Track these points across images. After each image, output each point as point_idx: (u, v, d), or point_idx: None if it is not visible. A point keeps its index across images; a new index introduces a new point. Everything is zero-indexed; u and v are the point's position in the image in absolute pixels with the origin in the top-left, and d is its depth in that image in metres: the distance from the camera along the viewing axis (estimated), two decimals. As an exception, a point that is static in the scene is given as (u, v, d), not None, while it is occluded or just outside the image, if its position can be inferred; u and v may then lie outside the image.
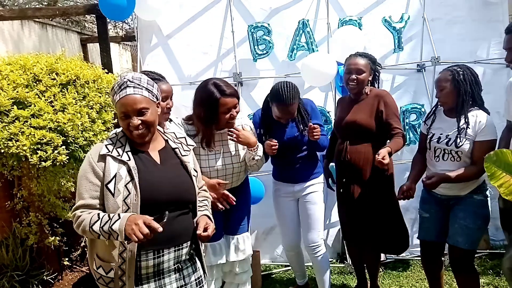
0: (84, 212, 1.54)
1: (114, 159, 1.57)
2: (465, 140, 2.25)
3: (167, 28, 3.46)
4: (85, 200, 1.55)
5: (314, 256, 2.67)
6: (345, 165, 2.59)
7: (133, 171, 1.56)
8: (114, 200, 1.54)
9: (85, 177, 1.56)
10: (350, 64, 2.55)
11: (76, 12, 4.10)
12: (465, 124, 2.25)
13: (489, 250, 3.47)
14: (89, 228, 1.50)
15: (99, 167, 1.56)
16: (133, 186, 1.55)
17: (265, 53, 3.36)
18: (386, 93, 2.58)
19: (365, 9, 3.51)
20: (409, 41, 3.52)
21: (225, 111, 2.22)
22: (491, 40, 3.58)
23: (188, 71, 3.46)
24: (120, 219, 1.47)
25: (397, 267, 3.37)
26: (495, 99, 3.52)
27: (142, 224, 1.42)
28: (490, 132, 2.24)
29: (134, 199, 1.54)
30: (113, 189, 1.54)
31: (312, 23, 3.41)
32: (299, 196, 2.68)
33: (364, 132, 2.52)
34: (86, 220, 1.52)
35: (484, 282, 3.05)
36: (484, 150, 2.13)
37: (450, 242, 2.38)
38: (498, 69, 3.59)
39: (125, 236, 1.45)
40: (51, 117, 2.49)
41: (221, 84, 2.23)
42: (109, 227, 1.47)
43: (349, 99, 2.68)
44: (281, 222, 2.81)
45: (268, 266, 3.51)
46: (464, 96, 2.27)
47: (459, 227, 2.32)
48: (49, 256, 3.01)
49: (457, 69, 2.31)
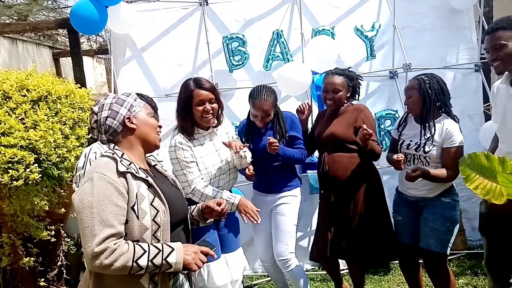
0: (119, 244, 1.34)
1: (134, 176, 1.44)
2: (432, 146, 2.35)
3: (141, 41, 3.44)
4: (115, 227, 1.34)
5: (285, 270, 2.64)
6: (324, 176, 2.62)
7: (155, 187, 1.48)
8: (140, 222, 1.41)
9: (109, 200, 1.35)
10: (327, 83, 2.60)
11: (47, 27, 4.03)
12: (429, 131, 2.35)
13: (467, 250, 3.55)
14: (133, 263, 1.34)
15: (123, 186, 1.39)
16: (161, 202, 1.48)
17: (241, 64, 3.38)
18: (363, 107, 2.63)
19: (337, 18, 3.58)
20: (381, 49, 3.61)
21: (199, 103, 2.26)
22: (459, 46, 3.71)
23: (163, 84, 3.44)
24: (176, 250, 1.41)
25: (379, 271, 3.40)
26: (466, 103, 3.64)
27: (200, 253, 1.45)
28: (456, 138, 2.32)
29: (164, 216, 1.48)
30: (137, 210, 1.41)
31: (286, 33, 3.46)
32: (272, 207, 2.67)
33: (342, 144, 2.55)
34: (129, 254, 1.34)
35: (463, 282, 3.11)
36: (452, 156, 2.29)
37: (422, 245, 2.44)
38: (467, 74, 3.71)
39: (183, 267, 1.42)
40: (22, 135, 2.43)
41: (201, 79, 2.32)
42: (163, 259, 1.38)
43: (328, 113, 2.72)
44: (255, 233, 2.81)
45: (250, 277, 3.48)
46: (429, 104, 2.36)
47: (429, 229, 2.39)
48: (24, 278, 2.91)
49: (424, 78, 2.41)
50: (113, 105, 1.52)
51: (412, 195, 2.49)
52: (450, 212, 2.39)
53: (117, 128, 1.51)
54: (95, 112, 1.53)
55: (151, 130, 1.57)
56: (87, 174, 1.44)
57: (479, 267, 3.25)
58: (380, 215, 2.60)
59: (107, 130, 1.51)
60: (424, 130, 2.38)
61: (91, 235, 1.32)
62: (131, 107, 1.54)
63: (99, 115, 1.51)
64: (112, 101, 1.53)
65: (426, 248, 2.41)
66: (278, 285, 2.97)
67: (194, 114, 2.29)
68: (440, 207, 2.39)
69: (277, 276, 2.88)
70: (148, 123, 1.57)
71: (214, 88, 2.33)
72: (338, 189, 2.57)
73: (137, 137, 1.54)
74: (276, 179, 2.64)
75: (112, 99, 1.54)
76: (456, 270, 3.28)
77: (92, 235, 1.32)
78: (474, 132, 3.47)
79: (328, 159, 2.59)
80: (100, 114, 1.51)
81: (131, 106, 1.54)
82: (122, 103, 1.53)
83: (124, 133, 1.53)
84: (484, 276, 3.14)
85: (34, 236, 2.81)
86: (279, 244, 2.61)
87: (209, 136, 2.40)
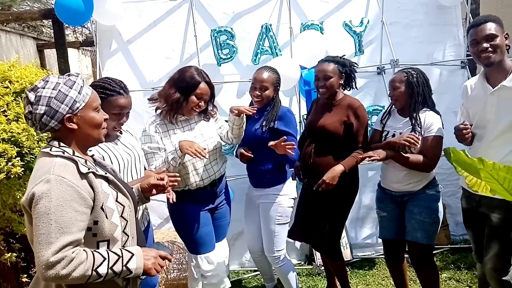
0: (77, 252, 1.25)
1: (95, 175, 1.35)
2: None
3: (128, 33, 3.38)
4: (73, 235, 1.24)
5: (274, 265, 2.67)
6: (309, 168, 2.62)
7: (116, 182, 1.42)
8: (110, 221, 1.34)
9: (69, 205, 1.24)
10: (318, 71, 2.57)
11: (31, 17, 3.93)
12: (415, 123, 2.38)
13: (450, 245, 3.60)
14: (92, 271, 1.26)
15: (85, 190, 1.29)
16: (124, 197, 1.44)
17: (229, 58, 3.35)
18: (359, 104, 2.54)
19: (326, 13, 3.57)
20: (369, 45, 3.61)
21: (198, 96, 2.32)
22: (446, 43, 3.74)
23: (150, 77, 3.40)
24: (135, 255, 1.35)
25: (363, 266, 3.43)
26: (451, 99, 3.67)
27: (159, 258, 1.41)
28: (436, 129, 2.37)
29: (130, 211, 1.44)
30: (105, 209, 1.34)
31: (275, 27, 3.43)
32: (258, 202, 2.67)
33: (331, 138, 2.53)
34: (88, 262, 1.26)
35: (446, 276, 3.16)
36: (429, 144, 2.34)
37: (408, 238, 2.46)
38: (453, 70, 3.75)
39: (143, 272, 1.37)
40: (4, 127, 2.36)
41: (206, 73, 2.39)
42: (123, 266, 1.32)
43: (323, 102, 2.67)
44: (245, 224, 2.85)
45: (237, 272, 3.48)
46: (417, 97, 2.40)
47: (416, 222, 2.42)
48: (6, 274, 2.85)
49: (411, 71, 2.45)
50: (52, 102, 1.31)
51: (396, 190, 2.51)
52: (435, 204, 2.43)
53: (54, 126, 1.34)
54: (30, 102, 1.32)
55: (95, 128, 1.41)
56: (37, 175, 1.29)
57: (462, 262, 3.30)
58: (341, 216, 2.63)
59: (43, 128, 1.34)
60: (411, 121, 2.40)
61: (46, 243, 1.21)
62: (73, 104, 1.34)
63: (34, 108, 1.31)
64: (51, 95, 1.31)
65: (413, 241, 2.43)
66: (264, 277, 3.00)
67: (187, 103, 2.32)
68: (425, 200, 2.42)
69: (264, 268, 2.91)
70: (91, 122, 1.39)
71: (213, 87, 2.42)
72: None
73: (77, 136, 1.39)
74: (261, 173, 2.60)
75: (51, 92, 1.31)
76: (439, 265, 3.33)
77: (47, 243, 1.21)
78: (459, 128, 3.50)
79: (315, 153, 2.59)
80: (36, 107, 1.31)
81: (74, 103, 1.34)
82: (63, 99, 1.32)
83: (64, 131, 1.36)
84: (467, 270, 3.19)
85: (16, 231, 2.75)
86: (266, 242, 2.63)
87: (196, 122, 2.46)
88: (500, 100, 2.07)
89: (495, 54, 2.04)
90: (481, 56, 2.08)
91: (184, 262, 3.13)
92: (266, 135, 2.53)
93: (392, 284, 2.97)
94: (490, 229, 2.17)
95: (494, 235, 2.15)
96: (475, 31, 2.09)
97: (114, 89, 2.01)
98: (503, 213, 2.06)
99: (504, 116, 2.06)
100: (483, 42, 2.06)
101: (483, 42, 2.06)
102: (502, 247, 2.12)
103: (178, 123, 2.39)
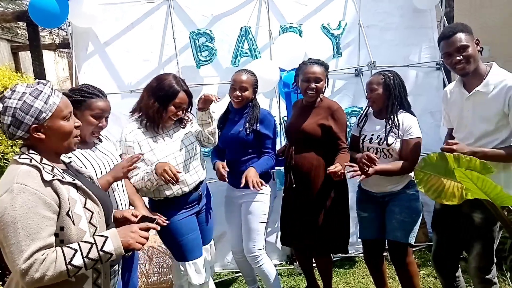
0: (47, 253, 1.25)
1: (61, 182, 1.34)
2: (394, 138, 2.42)
3: (104, 35, 3.33)
4: (43, 240, 1.25)
5: (254, 265, 2.68)
6: (291, 169, 2.63)
7: (84, 189, 1.41)
8: (77, 227, 1.34)
9: (34, 212, 1.24)
10: (309, 73, 2.54)
11: (4, 19, 3.83)
12: (393, 125, 2.42)
13: (428, 243, 3.68)
14: (67, 265, 1.26)
15: (50, 196, 1.28)
16: (93, 203, 1.43)
17: (209, 60, 3.34)
18: (337, 106, 2.59)
19: (305, 16, 3.60)
20: (347, 47, 3.66)
21: (177, 105, 2.30)
22: (422, 45, 3.82)
23: (128, 79, 3.36)
24: (110, 237, 1.35)
25: (344, 265, 3.47)
26: (427, 100, 3.76)
27: (139, 231, 1.40)
28: (415, 131, 2.41)
29: (99, 217, 1.43)
30: (72, 215, 1.33)
31: (254, 30, 3.45)
32: (241, 203, 2.69)
33: (310, 140, 2.56)
34: (59, 260, 1.26)
35: (424, 273, 3.22)
36: (411, 147, 2.38)
37: (389, 238, 2.50)
38: (429, 72, 3.84)
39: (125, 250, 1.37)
40: (-24, 132, 2.31)
41: (184, 81, 2.38)
42: (99, 251, 1.32)
43: (302, 105, 2.70)
44: (228, 226, 2.86)
45: (219, 274, 3.47)
46: (394, 99, 2.44)
47: (396, 222, 2.46)
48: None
49: (388, 74, 2.49)
50: (17, 113, 1.30)
51: (377, 191, 2.55)
52: (415, 203, 2.47)
53: (23, 136, 1.34)
54: None
55: (64, 137, 1.40)
56: (2, 183, 1.29)
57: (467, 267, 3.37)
58: (341, 211, 2.64)
59: (11, 137, 1.35)
60: (388, 123, 2.44)
61: (18, 252, 1.22)
62: (39, 114, 1.32)
63: (2, 118, 1.32)
64: (16, 105, 1.30)
65: (394, 240, 2.47)
66: (246, 279, 3.00)
67: (166, 113, 2.30)
68: (405, 200, 2.46)
69: (246, 269, 2.92)
70: (59, 131, 1.38)
71: (191, 95, 2.39)
72: (302, 183, 2.59)
73: (46, 144, 1.38)
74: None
75: (16, 103, 1.31)
76: (418, 262, 3.40)
77: (19, 252, 1.22)
78: (435, 129, 3.59)
79: (296, 155, 2.61)
80: (3, 117, 1.32)
81: (40, 113, 1.32)
82: (28, 110, 1.31)
83: (33, 139, 1.36)
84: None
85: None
86: (247, 242, 2.63)
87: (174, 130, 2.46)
88: (475, 105, 2.12)
89: (469, 65, 2.08)
90: (456, 68, 2.12)
91: (164, 265, 3.11)
92: (250, 137, 2.59)
93: (372, 282, 3.02)
94: (472, 228, 2.20)
95: (476, 235, 2.19)
96: (446, 43, 2.12)
97: (93, 92, 1.98)
98: (485, 212, 2.08)
99: (479, 121, 2.10)
100: (455, 55, 2.09)
101: (455, 55, 2.09)
102: (485, 246, 2.17)
103: (159, 130, 2.37)
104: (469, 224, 2.22)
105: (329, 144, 2.55)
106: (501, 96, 2.01)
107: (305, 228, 2.61)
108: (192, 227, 2.42)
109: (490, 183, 1.58)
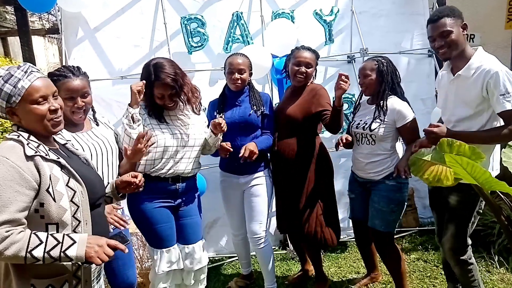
0: (12, 232, 1.26)
1: (44, 159, 1.36)
2: (379, 124, 2.43)
3: (94, 20, 3.28)
4: (10, 214, 1.26)
5: (256, 247, 2.71)
6: (275, 156, 2.68)
7: (68, 168, 1.42)
8: (58, 205, 1.35)
9: (9, 186, 1.26)
10: (300, 57, 2.58)
11: (-9, 3, 3.77)
12: (382, 111, 2.43)
13: (418, 227, 3.74)
14: (26, 253, 1.26)
15: (29, 172, 1.30)
16: (77, 183, 1.43)
17: (200, 46, 3.31)
18: (320, 87, 2.68)
19: (297, 2, 3.58)
20: (339, 34, 3.65)
21: (158, 96, 2.24)
22: (414, 32, 3.82)
23: (119, 65, 3.32)
24: (77, 242, 1.33)
25: (336, 249, 3.52)
26: (419, 87, 3.78)
27: (107, 247, 1.37)
28: (407, 114, 2.41)
29: (82, 197, 1.43)
30: (53, 192, 1.35)
31: (246, 15, 3.41)
32: (245, 188, 2.70)
33: (293, 124, 2.60)
34: (21, 243, 1.26)
35: (414, 257, 3.28)
36: (410, 130, 2.41)
37: (369, 225, 2.56)
38: (421, 59, 3.85)
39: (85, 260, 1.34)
40: (-35, 119, 2.28)
41: (164, 68, 2.19)
42: (61, 252, 1.30)
43: (291, 91, 2.75)
44: (228, 212, 2.87)
45: (212, 258, 3.50)
46: (386, 85, 2.46)
47: (374, 210, 2.51)
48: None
49: (381, 60, 2.50)
50: None
51: (361, 177, 2.60)
52: (395, 194, 2.47)
53: (6, 117, 1.40)
54: None
55: (38, 120, 1.40)
56: None
57: (429, 243, 3.44)
58: (327, 197, 2.69)
59: None
60: (377, 109, 2.46)
61: None
62: (9, 98, 1.35)
63: None
64: None
65: (372, 227, 2.53)
66: (241, 262, 3.05)
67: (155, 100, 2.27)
68: (384, 190, 2.48)
69: (243, 252, 2.97)
70: (30, 115, 1.39)
71: (176, 80, 2.19)
72: (287, 169, 2.64)
73: (26, 126, 1.41)
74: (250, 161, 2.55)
75: None
76: (408, 246, 3.46)
77: None
78: (427, 115, 3.61)
79: (278, 141, 2.67)
80: None
81: (9, 97, 1.35)
82: (0, 94, 1.35)
83: (15, 120, 1.40)
84: (434, 251, 3.33)
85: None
86: (254, 223, 2.66)
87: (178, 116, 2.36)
88: (458, 88, 2.13)
89: (450, 49, 2.08)
90: (439, 52, 2.14)
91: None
92: (259, 119, 2.62)
93: (363, 266, 3.08)
94: (447, 210, 2.26)
95: (451, 216, 2.24)
96: (431, 27, 2.13)
97: (61, 73, 1.93)
98: (460, 195, 2.14)
99: (461, 105, 2.12)
100: (438, 40, 2.10)
101: (438, 40, 2.10)
102: (458, 227, 2.21)
103: (167, 118, 2.32)
104: (444, 206, 2.27)
105: (308, 128, 2.60)
106: (479, 80, 2.01)
107: (292, 215, 2.65)
108: (162, 219, 2.31)
109: (479, 168, 1.60)
